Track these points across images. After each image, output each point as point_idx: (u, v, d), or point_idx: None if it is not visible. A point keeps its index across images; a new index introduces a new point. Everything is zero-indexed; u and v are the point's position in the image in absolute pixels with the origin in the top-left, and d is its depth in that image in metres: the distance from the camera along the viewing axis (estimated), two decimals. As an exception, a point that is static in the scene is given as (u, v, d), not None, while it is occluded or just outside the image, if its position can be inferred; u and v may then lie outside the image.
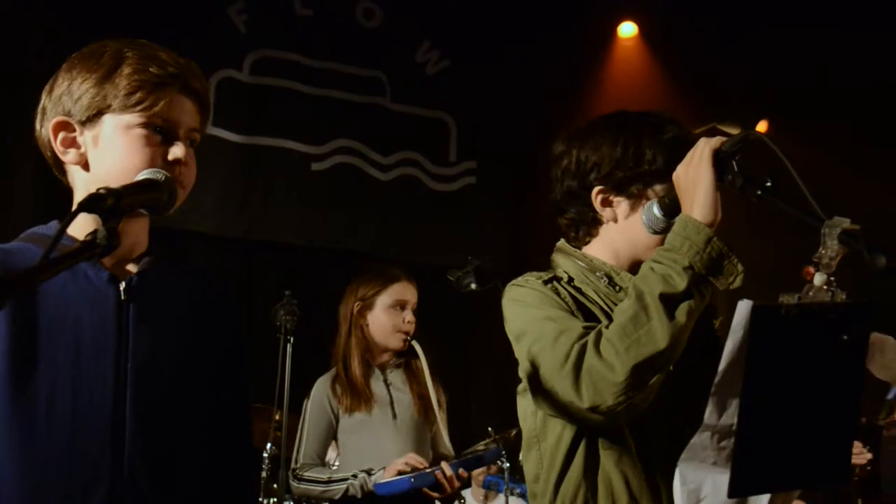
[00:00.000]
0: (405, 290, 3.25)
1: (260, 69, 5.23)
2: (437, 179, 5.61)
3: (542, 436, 1.68)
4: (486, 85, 5.61)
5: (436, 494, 2.96)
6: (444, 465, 2.97)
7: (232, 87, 5.10)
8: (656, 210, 1.64)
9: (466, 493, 4.19)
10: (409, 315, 3.22)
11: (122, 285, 1.41)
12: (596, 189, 1.73)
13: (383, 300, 3.22)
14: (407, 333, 3.20)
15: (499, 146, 5.64)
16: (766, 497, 1.34)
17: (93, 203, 1.08)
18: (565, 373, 1.51)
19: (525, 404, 1.71)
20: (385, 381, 3.22)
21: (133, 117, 1.39)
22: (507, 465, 3.94)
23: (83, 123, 1.41)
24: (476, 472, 4.45)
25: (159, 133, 1.40)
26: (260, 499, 3.66)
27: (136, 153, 1.38)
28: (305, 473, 3.10)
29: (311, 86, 5.33)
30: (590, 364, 1.49)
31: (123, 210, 1.13)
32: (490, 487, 4.18)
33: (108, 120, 1.39)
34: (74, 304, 1.37)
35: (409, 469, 2.98)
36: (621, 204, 1.72)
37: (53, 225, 1.44)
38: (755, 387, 1.25)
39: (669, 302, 1.48)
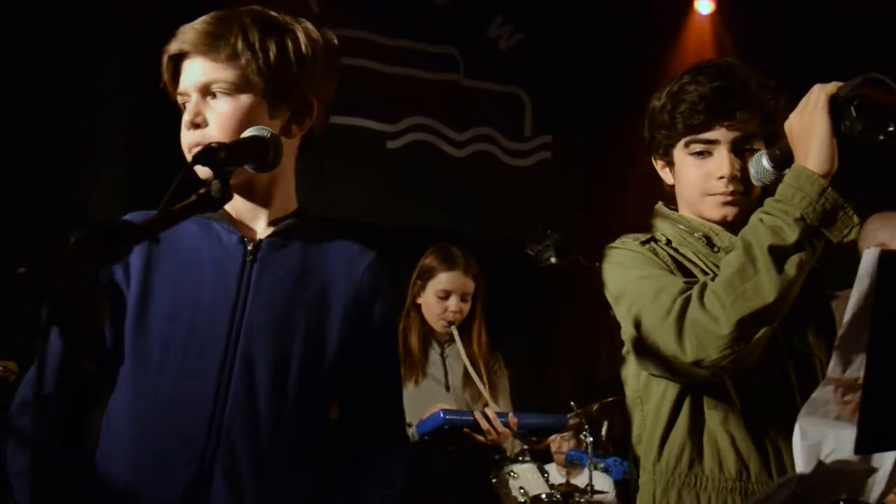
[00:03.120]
0: (452, 281, 3.27)
1: (333, 48, 5.23)
2: (513, 155, 5.56)
3: (645, 396, 1.66)
4: (561, 59, 5.52)
5: (478, 436, 2.92)
6: (487, 409, 2.96)
7: (306, 67, 5.10)
8: (765, 162, 1.59)
9: (550, 467, 4.16)
10: (452, 304, 3.24)
11: (250, 246, 1.42)
12: (653, 157, 1.79)
13: (433, 285, 3.27)
14: (448, 322, 3.24)
15: (574, 120, 5.55)
16: (892, 454, 1.28)
17: (206, 156, 1.08)
18: (668, 326, 1.48)
19: (628, 366, 1.69)
20: (442, 353, 3.29)
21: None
22: (591, 439, 3.89)
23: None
24: (557, 446, 4.43)
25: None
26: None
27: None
28: None
29: (385, 64, 5.32)
30: (693, 317, 1.45)
31: (235, 163, 1.13)
32: (573, 462, 4.14)
33: None
34: (202, 262, 1.41)
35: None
36: (667, 168, 1.76)
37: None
38: (882, 338, 1.19)
39: (779, 254, 1.44)
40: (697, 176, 1.67)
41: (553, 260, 4.07)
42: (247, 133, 1.32)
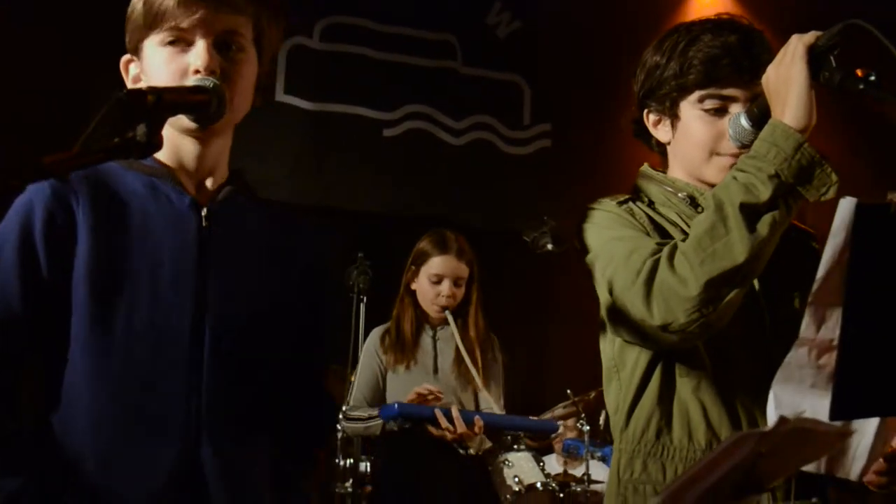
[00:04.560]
0: (444, 265, 3.24)
1: (330, 35, 5.19)
2: (511, 143, 5.49)
3: (620, 365, 1.59)
4: (560, 45, 5.45)
5: (434, 431, 2.94)
6: (453, 407, 2.96)
7: (302, 55, 5.07)
8: (743, 121, 1.51)
9: (550, 458, 4.10)
10: (445, 289, 3.22)
11: (204, 211, 1.36)
12: (645, 111, 1.66)
13: (426, 270, 3.26)
14: (442, 307, 3.22)
15: (573, 108, 5.48)
16: (874, 421, 1.21)
17: (133, 99, 1.02)
18: (636, 289, 1.40)
19: (605, 335, 1.62)
20: (434, 337, 3.28)
21: (155, 37, 1.32)
22: (587, 428, 3.84)
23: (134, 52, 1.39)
24: (555, 436, 4.36)
25: (176, 45, 1.31)
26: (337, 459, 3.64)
27: (161, 72, 1.31)
28: (352, 413, 3.17)
29: (382, 51, 5.27)
30: (662, 279, 1.38)
31: (166, 110, 1.07)
32: (570, 452, 4.07)
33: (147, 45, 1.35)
34: (156, 226, 1.34)
35: (426, 392, 3.01)
36: (666, 123, 1.64)
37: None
38: (859, 296, 1.12)
39: (751, 213, 1.35)
40: (708, 134, 1.56)
41: (549, 247, 4.02)
42: (188, 82, 1.26)
